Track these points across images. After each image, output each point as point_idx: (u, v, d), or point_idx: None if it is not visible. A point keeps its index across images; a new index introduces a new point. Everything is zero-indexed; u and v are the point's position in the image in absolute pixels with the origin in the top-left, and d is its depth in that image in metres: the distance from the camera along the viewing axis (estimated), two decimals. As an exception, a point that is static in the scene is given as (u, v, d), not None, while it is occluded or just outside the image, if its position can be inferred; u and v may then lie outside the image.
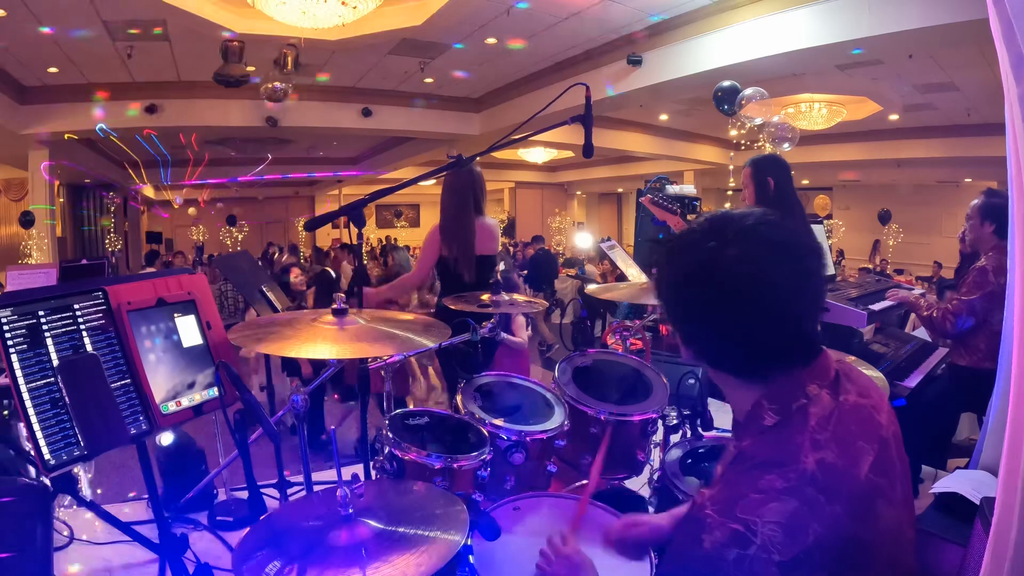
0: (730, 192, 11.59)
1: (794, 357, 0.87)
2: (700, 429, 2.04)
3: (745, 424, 0.89)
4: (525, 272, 9.49)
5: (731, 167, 11.01)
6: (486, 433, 1.65)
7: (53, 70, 7.14)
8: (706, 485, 1.30)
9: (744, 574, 0.73)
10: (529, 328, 2.34)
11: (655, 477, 1.79)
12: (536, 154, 13.19)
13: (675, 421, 1.94)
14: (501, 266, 2.96)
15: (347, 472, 1.25)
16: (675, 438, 1.99)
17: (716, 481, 0.88)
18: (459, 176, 2.87)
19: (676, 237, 0.93)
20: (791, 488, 0.76)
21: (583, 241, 12.50)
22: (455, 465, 1.51)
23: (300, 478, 2.10)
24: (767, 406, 0.86)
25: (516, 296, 2.43)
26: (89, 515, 1.91)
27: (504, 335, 3.16)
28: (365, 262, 9.05)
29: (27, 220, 9.38)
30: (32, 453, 1.23)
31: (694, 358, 0.91)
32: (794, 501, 0.75)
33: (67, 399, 1.26)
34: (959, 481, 1.70)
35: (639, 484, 1.98)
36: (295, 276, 4.73)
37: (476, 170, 2.95)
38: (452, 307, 2.15)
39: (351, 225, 1.58)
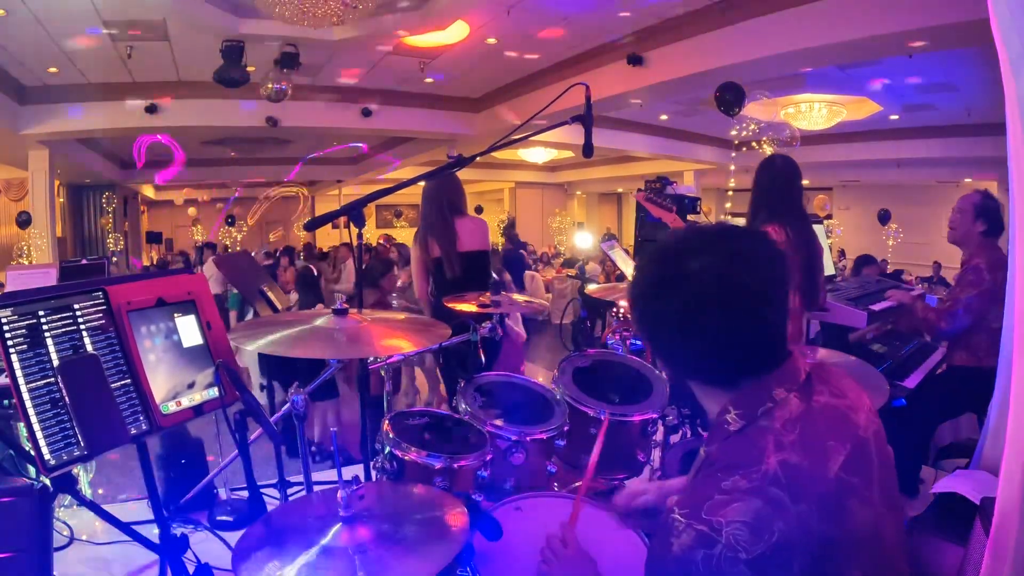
0: (730, 192, 11.59)
1: (760, 363, 0.88)
2: (700, 429, 2.04)
3: (712, 429, 0.91)
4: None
5: (731, 167, 11.01)
6: (486, 433, 1.65)
7: (53, 70, 7.14)
8: None
9: (713, 574, 0.75)
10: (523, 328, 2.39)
11: (655, 477, 1.79)
12: (536, 154, 13.19)
13: (675, 421, 1.94)
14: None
15: (348, 473, 1.25)
16: (675, 438, 1.99)
17: (686, 486, 0.89)
18: (430, 186, 3.10)
19: (647, 251, 0.95)
20: (754, 488, 0.78)
21: (583, 241, 12.50)
22: (455, 465, 1.51)
23: (300, 478, 2.11)
24: (732, 412, 0.88)
25: (516, 296, 2.43)
26: (89, 515, 1.91)
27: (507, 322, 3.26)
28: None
29: (24, 220, 9.38)
30: (32, 453, 1.23)
31: (665, 367, 0.93)
32: (757, 500, 0.77)
33: (67, 399, 1.26)
34: (959, 481, 1.70)
35: (639, 484, 1.97)
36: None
37: (451, 176, 3.11)
38: (451, 307, 2.15)
39: (351, 225, 1.58)
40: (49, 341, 1.30)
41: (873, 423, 0.91)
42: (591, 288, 2.89)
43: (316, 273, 6.36)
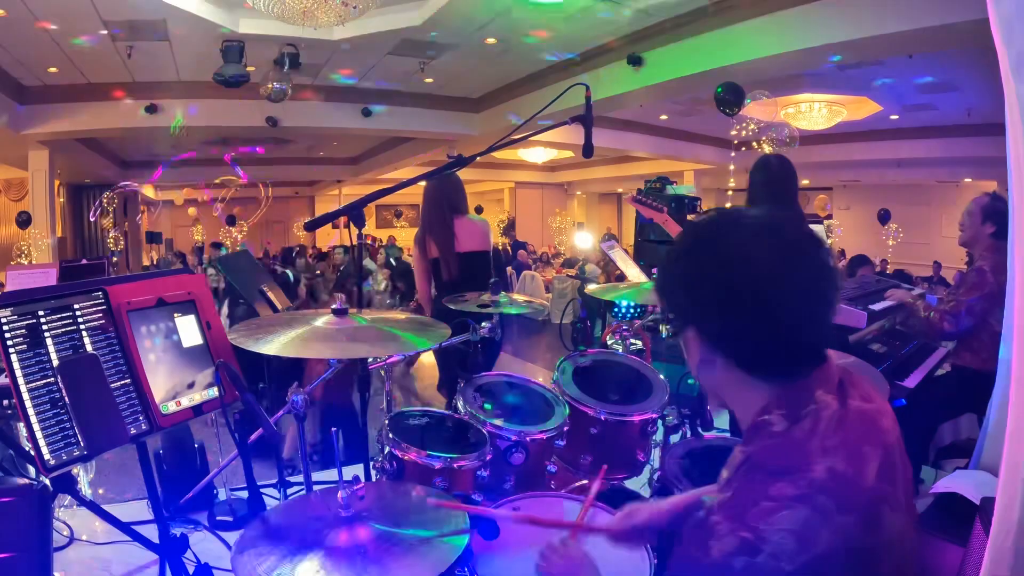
0: (730, 192, 11.59)
1: (806, 360, 0.86)
2: (700, 429, 2.04)
3: (753, 429, 0.87)
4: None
5: (731, 167, 11.01)
6: (486, 433, 1.65)
7: (53, 70, 7.14)
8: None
9: None
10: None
11: (655, 477, 1.79)
12: (536, 154, 13.19)
13: (675, 421, 1.94)
14: None
15: (348, 472, 1.25)
16: (675, 438, 1.99)
17: (723, 487, 0.86)
18: (430, 187, 3.11)
19: (689, 233, 0.90)
20: (802, 496, 0.75)
21: (583, 241, 12.51)
22: (455, 465, 1.51)
23: (300, 478, 2.11)
24: (776, 411, 0.84)
25: (516, 296, 2.43)
26: (89, 515, 1.91)
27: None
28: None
29: (24, 220, 9.38)
30: (32, 453, 1.23)
31: (706, 355, 0.87)
32: (806, 509, 0.74)
33: (67, 399, 1.26)
34: (959, 481, 1.70)
35: (639, 484, 1.98)
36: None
37: (451, 176, 3.10)
38: (451, 307, 2.16)
39: (351, 225, 1.58)
40: (49, 341, 1.30)
41: (895, 428, 0.89)
42: (591, 288, 2.89)
43: (292, 279, 6.35)
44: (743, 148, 8.31)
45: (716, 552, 0.76)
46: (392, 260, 9.10)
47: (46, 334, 1.30)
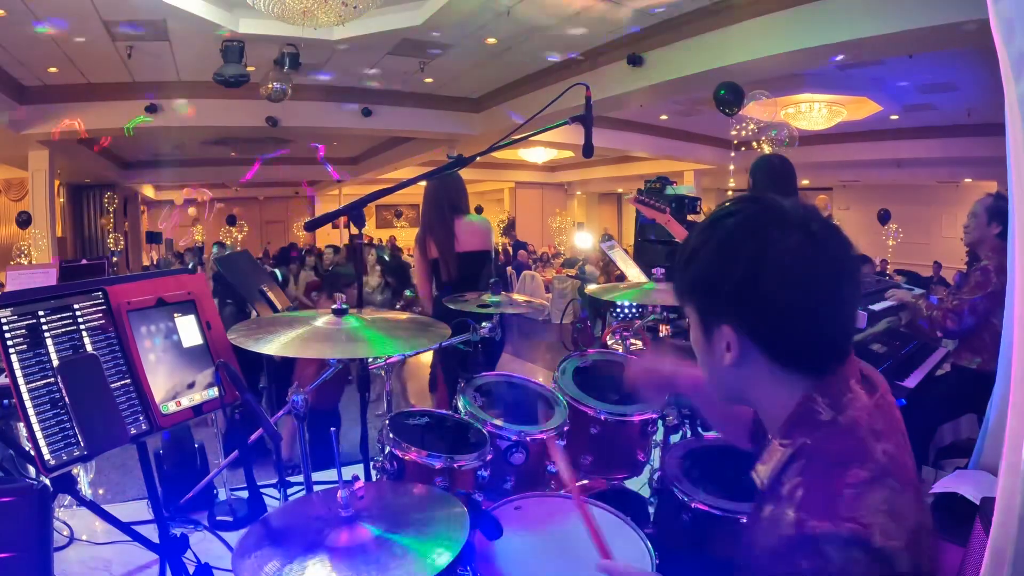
0: (730, 192, 11.59)
1: (844, 350, 0.87)
2: (700, 429, 2.04)
3: (794, 421, 0.85)
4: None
5: (731, 167, 11.02)
6: (486, 433, 1.65)
7: (53, 70, 7.14)
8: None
9: (882, 571, 0.72)
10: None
11: (655, 477, 1.79)
12: (536, 154, 13.19)
13: (675, 421, 1.94)
14: None
15: (348, 472, 1.25)
16: (675, 438, 1.99)
17: (773, 482, 0.85)
18: (431, 187, 3.12)
19: (724, 226, 0.85)
20: (875, 478, 0.76)
21: (583, 241, 12.52)
22: (455, 465, 1.51)
23: (300, 478, 2.11)
24: (821, 401, 0.84)
25: (515, 296, 2.43)
26: (89, 515, 1.91)
27: None
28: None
29: (24, 220, 9.40)
30: (32, 453, 1.23)
31: (743, 352, 0.84)
32: (883, 490, 0.75)
33: (67, 399, 1.26)
34: (959, 481, 1.70)
35: (639, 484, 1.97)
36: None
37: (452, 176, 3.09)
38: (451, 307, 2.16)
39: (351, 225, 1.58)
40: (49, 341, 1.30)
41: (902, 419, 0.92)
42: (591, 288, 2.88)
43: (281, 277, 6.37)
44: (743, 148, 8.31)
45: (834, 555, 0.72)
46: (385, 257, 9.12)
47: (46, 334, 1.30)
